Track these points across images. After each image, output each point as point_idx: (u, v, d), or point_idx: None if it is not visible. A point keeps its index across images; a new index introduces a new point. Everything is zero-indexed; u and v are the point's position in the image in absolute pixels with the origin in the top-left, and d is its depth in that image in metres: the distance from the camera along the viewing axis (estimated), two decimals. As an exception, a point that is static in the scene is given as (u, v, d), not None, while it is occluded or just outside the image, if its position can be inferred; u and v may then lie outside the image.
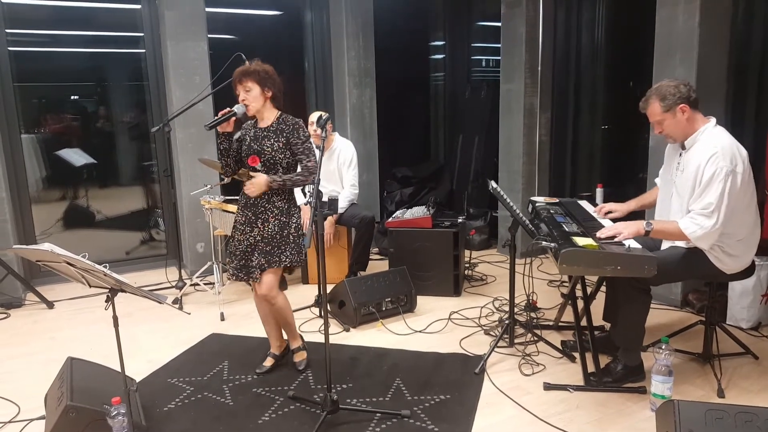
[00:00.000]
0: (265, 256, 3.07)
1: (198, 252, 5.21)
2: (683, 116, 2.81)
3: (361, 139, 5.90)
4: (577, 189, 5.58)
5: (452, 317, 4.07)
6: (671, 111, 2.81)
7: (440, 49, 7.17)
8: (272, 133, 3.06)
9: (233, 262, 3.15)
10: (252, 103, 3.02)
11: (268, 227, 3.07)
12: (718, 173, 2.67)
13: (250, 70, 3.01)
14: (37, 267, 4.99)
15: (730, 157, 2.70)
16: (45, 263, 2.32)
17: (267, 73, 3.04)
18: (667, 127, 2.86)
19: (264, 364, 3.33)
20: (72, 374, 2.66)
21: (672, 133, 2.88)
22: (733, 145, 2.76)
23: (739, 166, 2.71)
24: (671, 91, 2.80)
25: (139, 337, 3.87)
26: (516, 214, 3.20)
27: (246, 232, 3.10)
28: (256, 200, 3.07)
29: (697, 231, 2.71)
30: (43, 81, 5.23)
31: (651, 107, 2.87)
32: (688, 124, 2.83)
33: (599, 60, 5.51)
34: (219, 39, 5.49)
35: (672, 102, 2.80)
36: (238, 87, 3.03)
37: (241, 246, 3.11)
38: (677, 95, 2.79)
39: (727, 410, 2.27)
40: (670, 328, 3.60)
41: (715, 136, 2.79)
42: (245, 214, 3.11)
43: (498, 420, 2.79)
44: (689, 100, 2.80)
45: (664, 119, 2.84)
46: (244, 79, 3.00)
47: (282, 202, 3.08)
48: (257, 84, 3.00)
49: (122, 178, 5.69)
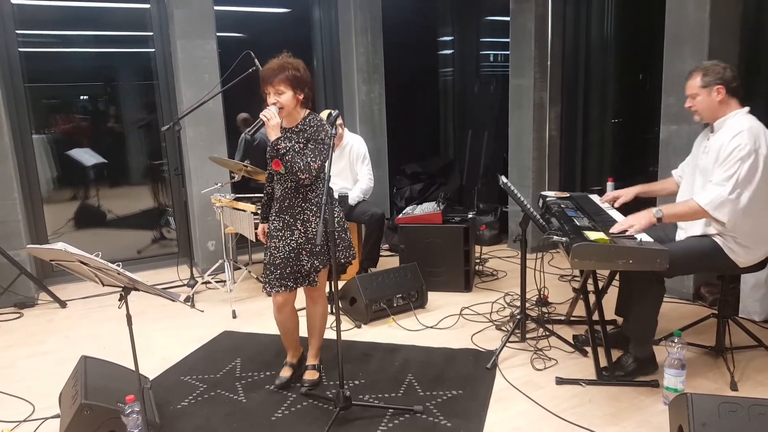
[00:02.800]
0: (317, 257, 2.89)
1: (209, 250, 5.23)
2: (716, 97, 2.84)
3: (371, 136, 5.90)
4: (588, 183, 5.56)
5: (463, 313, 4.07)
6: (708, 88, 2.85)
7: (449, 45, 7.15)
8: (294, 135, 2.86)
9: (273, 273, 2.91)
10: (284, 106, 2.80)
11: (310, 227, 2.88)
12: (741, 149, 2.69)
13: (282, 67, 2.79)
14: (49, 267, 5.03)
15: (755, 138, 2.71)
16: (59, 262, 2.34)
17: (299, 72, 2.82)
18: (699, 103, 2.89)
19: (282, 375, 3.16)
20: (86, 373, 2.68)
21: (701, 109, 2.90)
22: (761, 129, 2.77)
23: (762, 148, 2.71)
24: (716, 70, 2.84)
25: (151, 336, 3.89)
26: (526, 208, 3.19)
27: (286, 237, 2.89)
28: (291, 202, 2.89)
29: (712, 200, 2.71)
30: (53, 81, 5.26)
31: (692, 79, 2.91)
32: (718, 106, 2.86)
33: (609, 53, 5.48)
34: (228, 37, 5.51)
35: (712, 80, 2.83)
36: (269, 88, 2.79)
37: (281, 253, 2.89)
38: (719, 75, 2.83)
39: (741, 403, 2.26)
40: (682, 322, 3.58)
41: (744, 120, 2.80)
42: (282, 218, 2.92)
43: (510, 415, 2.79)
44: (729, 84, 2.83)
45: (698, 94, 2.88)
46: (276, 80, 2.77)
47: (318, 198, 2.90)
48: (290, 87, 2.80)
49: (133, 178, 5.72)
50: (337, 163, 4.80)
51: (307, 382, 3.11)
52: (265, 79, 2.81)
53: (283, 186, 2.94)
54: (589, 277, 3.32)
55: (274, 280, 2.93)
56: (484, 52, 6.87)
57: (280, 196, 2.95)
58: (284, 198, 2.93)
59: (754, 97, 4.14)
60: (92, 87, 5.46)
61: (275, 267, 2.93)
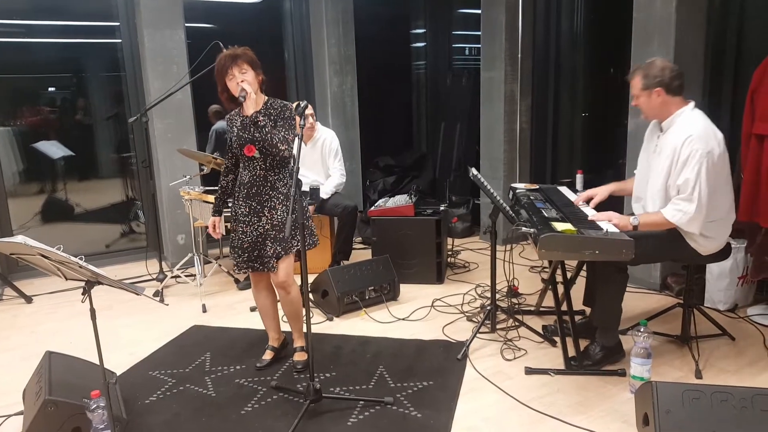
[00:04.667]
0: (280, 243, 2.98)
1: (179, 244, 5.17)
2: (657, 99, 2.88)
3: (343, 128, 5.87)
4: (558, 175, 5.61)
5: (435, 304, 4.08)
6: (647, 90, 2.89)
7: (421, 37, 7.14)
8: (262, 118, 2.91)
9: (241, 256, 3.03)
10: (250, 84, 2.89)
11: (276, 214, 2.97)
12: (693, 155, 2.72)
13: (240, 52, 2.90)
14: (14, 262, 4.92)
15: (706, 140, 2.74)
16: (20, 256, 2.29)
17: (254, 55, 2.95)
18: (641, 104, 2.96)
19: (264, 358, 3.26)
20: (50, 368, 2.63)
21: (644, 110, 2.97)
22: (709, 128, 2.81)
23: (715, 148, 2.76)
24: (655, 72, 2.86)
25: (119, 330, 3.83)
26: (496, 200, 3.21)
27: (253, 223, 2.99)
28: (258, 189, 2.97)
29: (682, 217, 2.76)
30: (17, 72, 5.13)
31: (634, 80, 2.95)
32: (661, 107, 2.90)
33: (579, 47, 5.53)
34: (197, 28, 5.43)
35: (650, 83, 2.87)
36: (233, 69, 2.88)
37: (249, 237, 2.99)
38: (658, 78, 2.85)
39: (704, 390, 2.32)
40: (649, 312, 3.64)
41: (692, 120, 2.83)
42: (249, 204, 2.99)
43: (480, 405, 2.81)
44: (669, 86, 2.85)
45: (640, 95, 2.94)
46: (239, 60, 2.88)
47: (286, 187, 3.00)
48: (251, 67, 2.91)
49: (101, 171, 5.63)
50: (310, 157, 4.77)
51: (298, 363, 3.19)
52: (225, 65, 2.91)
53: (251, 173, 3.00)
54: (557, 268, 3.35)
55: (242, 263, 3.06)
56: (456, 45, 6.88)
57: (247, 182, 3.00)
58: (252, 185, 2.99)
59: (719, 91, 4.22)
60: (59, 78, 5.34)
61: (243, 251, 3.03)
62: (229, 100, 2.99)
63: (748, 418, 2.23)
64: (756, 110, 3.40)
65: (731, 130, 4.12)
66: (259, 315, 3.30)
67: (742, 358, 3.16)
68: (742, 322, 3.61)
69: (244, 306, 4.17)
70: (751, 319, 3.63)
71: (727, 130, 4.16)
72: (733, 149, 3.97)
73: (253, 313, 4.05)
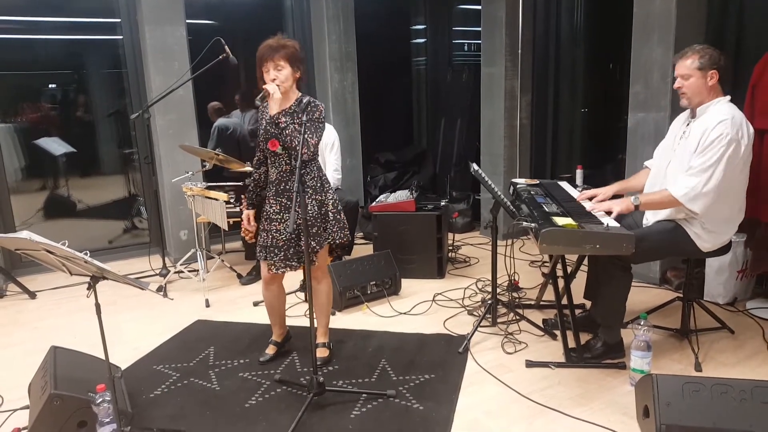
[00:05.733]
0: (314, 237, 2.95)
1: (181, 239, 5.19)
2: (710, 81, 2.83)
3: (344, 125, 5.89)
4: (558, 171, 5.63)
5: (436, 299, 4.11)
6: (704, 70, 2.82)
7: (421, 33, 7.15)
8: (289, 116, 2.84)
9: (278, 255, 2.96)
10: (283, 83, 2.80)
11: (307, 209, 2.92)
12: (722, 138, 2.71)
13: (281, 45, 2.80)
14: (18, 257, 4.95)
15: (738, 128, 2.73)
16: (25, 252, 2.31)
17: (297, 50, 2.84)
18: (690, 85, 2.86)
19: (267, 352, 3.27)
20: (55, 363, 2.65)
21: (691, 91, 2.88)
22: (743, 120, 2.80)
23: (744, 138, 2.75)
24: (713, 55, 2.82)
25: (123, 326, 3.86)
26: (497, 195, 3.23)
27: (286, 220, 2.94)
28: (287, 185, 2.93)
29: (687, 193, 2.74)
30: (19, 69, 5.14)
31: (686, 60, 2.87)
32: (708, 91, 2.85)
33: (579, 43, 5.54)
34: (198, 24, 5.44)
35: (709, 63, 2.81)
36: (268, 64, 2.79)
37: (284, 235, 2.94)
38: (716, 61, 2.81)
39: (704, 383, 2.34)
40: (648, 305, 3.66)
41: (728, 109, 2.81)
42: (279, 201, 2.95)
43: (482, 398, 2.84)
44: (722, 71, 2.83)
45: (692, 75, 2.85)
46: (276, 56, 2.77)
47: (314, 181, 2.95)
48: (289, 64, 2.80)
49: (103, 167, 5.64)
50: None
51: (318, 360, 3.11)
52: (264, 56, 2.81)
53: (278, 169, 2.96)
54: (558, 262, 3.37)
55: (279, 261, 2.98)
56: (456, 41, 6.89)
57: (275, 179, 2.97)
58: (280, 181, 2.96)
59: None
60: (60, 75, 5.34)
61: (279, 249, 2.97)
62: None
63: (748, 410, 2.25)
64: (756, 105, 3.42)
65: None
66: (266, 310, 3.29)
67: (742, 351, 3.18)
68: (742, 316, 3.63)
69: (246, 301, 4.20)
70: (750, 312, 3.65)
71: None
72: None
73: (256, 307, 4.08)
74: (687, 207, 2.79)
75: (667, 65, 3.86)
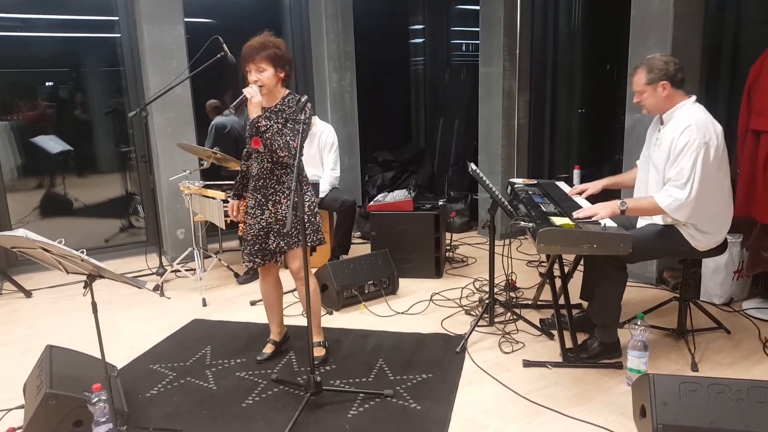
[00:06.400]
0: (283, 238, 2.97)
1: (178, 238, 5.18)
2: (663, 92, 2.88)
3: (342, 124, 5.88)
4: (555, 171, 5.63)
5: (434, 298, 4.11)
6: (653, 85, 2.89)
7: (420, 33, 7.15)
8: (274, 114, 2.87)
9: (246, 248, 3.03)
10: (265, 84, 2.81)
11: (280, 209, 2.95)
12: (691, 144, 2.73)
13: (263, 45, 2.79)
14: (13, 256, 4.93)
15: (704, 131, 2.76)
16: (21, 250, 2.30)
17: (281, 51, 2.83)
18: (646, 99, 2.95)
19: (264, 351, 3.28)
20: (51, 362, 2.64)
21: (649, 104, 2.97)
22: (708, 121, 2.82)
23: (712, 140, 2.77)
24: (659, 65, 2.87)
25: (120, 324, 3.85)
26: (495, 194, 3.23)
27: (257, 216, 2.98)
28: (265, 182, 2.95)
29: (672, 203, 2.76)
30: (15, 67, 5.13)
31: (637, 76, 2.96)
32: (665, 100, 2.91)
33: (576, 43, 5.54)
34: (196, 23, 5.43)
35: (656, 77, 2.87)
36: (250, 65, 2.81)
37: (253, 230, 2.99)
38: (663, 71, 2.86)
39: (700, 383, 2.34)
40: (645, 305, 3.67)
41: (691, 112, 2.85)
42: (255, 197, 2.99)
43: (479, 397, 2.84)
44: (673, 78, 2.87)
45: (644, 90, 2.93)
46: (258, 57, 2.78)
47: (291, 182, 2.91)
48: (271, 65, 2.81)
49: (100, 165, 5.63)
50: (308, 150, 4.78)
51: (315, 359, 3.12)
52: (246, 57, 2.82)
53: (259, 165, 2.98)
54: (555, 262, 3.38)
55: (246, 254, 3.06)
56: (454, 40, 6.89)
57: (255, 174, 3.00)
58: (259, 177, 2.98)
59: (716, 87, 4.24)
60: (57, 73, 5.33)
61: (246, 243, 3.05)
62: None
63: (744, 410, 2.25)
64: (752, 106, 3.43)
65: (728, 126, 4.11)
66: (264, 307, 3.31)
67: (738, 351, 3.19)
68: (738, 316, 3.64)
69: (244, 300, 4.19)
70: (747, 312, 3.66)
71: (724, 126, 4.16)
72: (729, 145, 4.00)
73: (253, 307, 4.07)
74: (671, 216, 2.82)
75: (664, 66, 3.86)
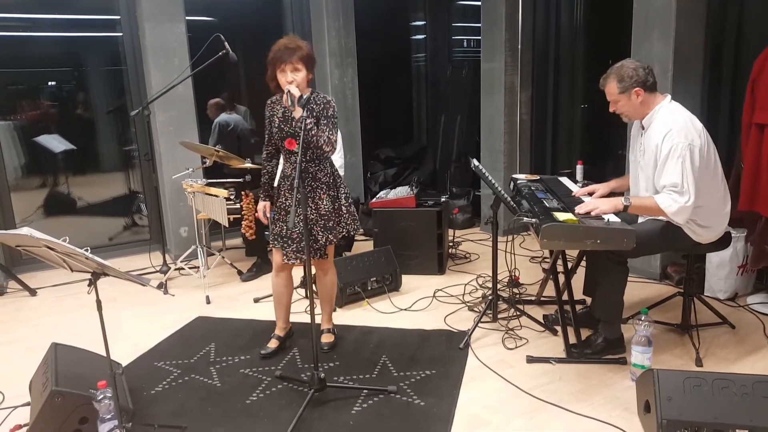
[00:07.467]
0: (330, 231, 3.05)
1: (182, 236, 5.19)
2: (637, 99, 2.88)
3: (344, 121, 5.88)
4: (558, 166, 5.62)
5: (437, 295, 4.11)
6: (626, 93, 2.88)
7: (421, 29, 7.14)
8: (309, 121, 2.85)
9: (291, 246, 3.03)
10: (299, 84, 2.83)
11: (322, 204, 3.02)
12: (675, 149, 2.72)
13: (298, 47, 2.84)
14: (18, 254, 4.95)
15: (685, 132, 2.75)
16: (25, 248, 2.30)
17: (312, 52, 2.92)
18: (622, 107, 2.95)
19: (268, 346, 3.30)
20: (56, 360, 2.65)
21: (626, 112, 2.96)
22: (687, 120, 2.81)
23: (695, 140, 2.76)
24: (629, 73, 2.86)
25: (124, 322, 3.86)
26: (497, 191, 3.23)
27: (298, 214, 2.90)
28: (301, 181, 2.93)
29: (672, 206, 2.76)
30: (18, 67, 5.13)
31: (608, 86, 2.94)
32: (642, 106, 2.90)
33: (578, 38, 5.52)
34: (197, 21, 5.42)
35: (628, 84, 2.86)
36: (286, 66, 2.82)
37: (298, 228, 2.96)
38: (634, 78, 2.85)
39: (705, 378, 2.34)
40: (649, 301, 3.67)
41: (670, 114, 2.84)
42: (293, 196, 2.96)
43: (482, 393, 2.84)
44: (645, 84, 2.86)
45: (619, 100, 2.93)
46: (294, 58, 2.82)
47: (327, 177, 3.03)
48: (305, 66, 2.86)
49: (103, 164, 5.64)
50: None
51: (325, 345, 3.32)
52: (281, 58, 2.84)
53: (292, 165, 3.02)
54: (558, 258, 3.37)
55: (291, 252, 3.06)
56: (456, 36, 6.87)
57: (290, 174, 3.03)
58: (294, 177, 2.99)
59: (719, 81, 4.23)
60: (60, 72, 5.34)
61: (292, 241, 3.05)
62: (276, 88, 2.95)
63: (749, 405, 2.25)
64: (756, 100, 3.41)
65: (731, 120, 4.14)
66: (273, 301, 3.31)
67: (742, 346, 3.18)
68: (742, 311, 3.63)
69: (247, 297, 4.20)
70: (751, 307, 3.66)
71: (727, 120, 4.20)
72: (732, 138, 4.00)
73: (256, 304, 4.08)
74: (672, 218, 2.81)
75: (667, 61, 3.85)
